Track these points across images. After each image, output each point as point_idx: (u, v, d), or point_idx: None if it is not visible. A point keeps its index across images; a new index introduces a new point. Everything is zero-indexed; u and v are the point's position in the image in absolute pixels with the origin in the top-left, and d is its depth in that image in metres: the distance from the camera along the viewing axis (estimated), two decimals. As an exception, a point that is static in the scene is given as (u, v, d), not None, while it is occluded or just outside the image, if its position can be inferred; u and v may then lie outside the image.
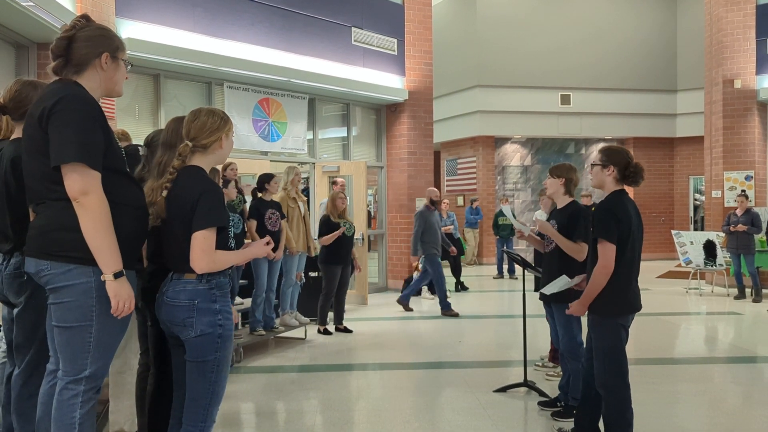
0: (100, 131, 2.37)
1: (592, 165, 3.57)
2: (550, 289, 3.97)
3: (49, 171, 2.32)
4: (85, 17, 2.50)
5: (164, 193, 2.60)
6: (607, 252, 3.31)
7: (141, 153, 3.25)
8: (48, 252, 2.33)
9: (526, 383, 4.85)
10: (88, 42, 2.43)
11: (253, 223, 6.23)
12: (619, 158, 3.49)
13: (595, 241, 3.38)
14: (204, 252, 2.50)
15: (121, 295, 2.33)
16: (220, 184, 5.41)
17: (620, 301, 3.41)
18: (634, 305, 3.47)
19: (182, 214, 2.54)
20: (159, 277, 2.68)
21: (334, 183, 8.79)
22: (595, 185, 3.60)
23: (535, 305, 5.30)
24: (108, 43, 2.48)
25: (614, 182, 3.49)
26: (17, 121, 2.84)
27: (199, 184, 2.59)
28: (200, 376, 2.58)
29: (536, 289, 5.02)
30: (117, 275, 2.32)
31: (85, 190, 2.28)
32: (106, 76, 2.48)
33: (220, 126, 2.69)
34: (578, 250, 4.12)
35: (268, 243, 2.77)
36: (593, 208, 3.54)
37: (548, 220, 4.34)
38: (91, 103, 2.38)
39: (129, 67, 2.60)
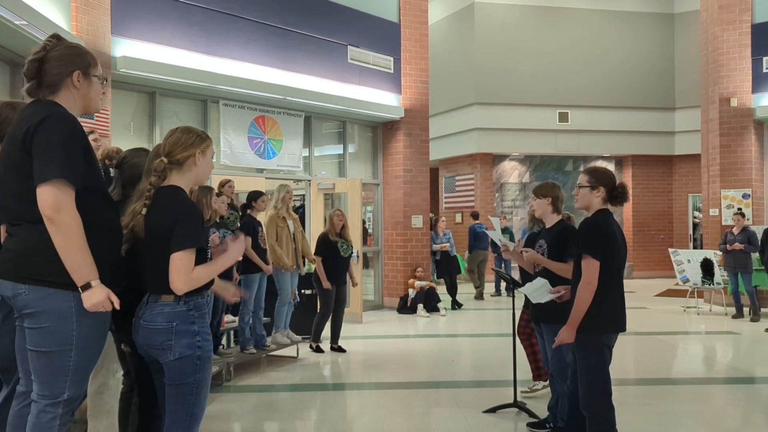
0: (82, 151, 2.36)
1: (579, 187, 3.54)
2: (534, 297, 3.94)
3: (27, 191, 2.30)
4: (56, 36, 2.49)
5: (144, 210, 2.57)
6: (591, 268, 3.29)
7: (111, 174, 3.23)
8: (27, 276, 2.30)
9: (516, 404, 4.78)
10: (59, 62, 2.41)
11: (249, 240, 6.18)
12: (606, 179, 3.50)
13: (579, 258, 3.36)
14: (181, 273, 2.48)
15: (94, 304, 2.29)
16: (213, 200, 5.39)
17: (605, 320, 3.37)
18: (619, 325, 3.43)
19: (160, 235, 2.52)
20: (129, 295, 2.65)
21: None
22: (581, 207, 3.57)
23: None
24: (79, 61, 2.46)
25: (601, 202, 3.49)
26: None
27: (177, 204, 2.57)
28: (179, 398, 2.55)
29: (525, 307, 4.98)
30: (84, 288, 2.29)
31: (57, 206, 2.25)
32: (80, 93, 2.46)
33: (194, 142, 2.65)
34: (569, 270, 4.07)
35: (239, 241, 2.72)
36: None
37: (537, 239, 4.30)
38: (74, 122, 2.38)
39: (104, 82, 2.58)
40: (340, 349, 7.16)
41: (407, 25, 10.80)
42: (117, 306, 2.36)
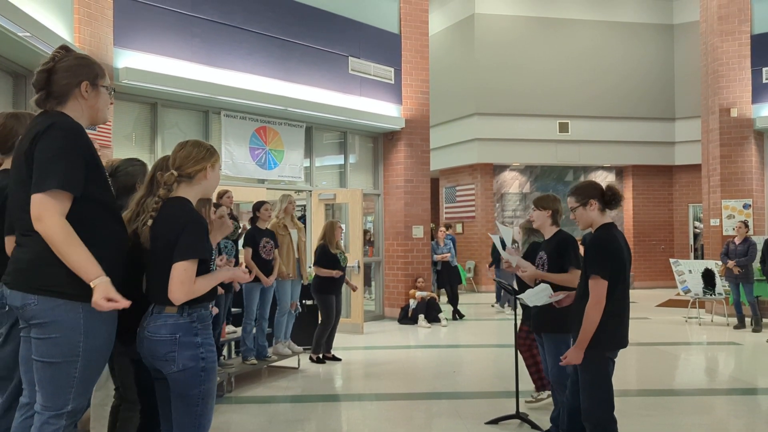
0: (83, 159, 2.36)
1: (572, 209, 3.50)
2: (532, 300, 3.91)
3: None
4: (64, 48, 2.50)
5: (149, 222, 2.59)
6: (600, 288, 3.25)
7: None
8: (36, 286, 2.31)
9: (518, 415, 4.77)
10: (67, 72, 2.43)
11: (249, 251, 6.21)
12: (592, 191, 3.47)
13: (586, 276, 3.32)
14: (182, 284, 2.49)
15: (99, 304, 2.26)
16: (211, 212, 5.41)
17: (611, 336, 3.33)
18: (623, 341, 3.40)
19: (166, 246, 2.53)
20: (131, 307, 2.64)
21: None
22: (584, 227, 3.51)
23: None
24: (87, 72, 2.47)
25: (600, 215, 3.46)
26: (5, 154, 2.86)
27: (184, 215, 2.59)
28: (185, 410, 2.56)
29: (524, 319, 4.97)
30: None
31: (38, 216, 2.26)
32: (87, 104, 2.47)
33: (205, 156, 2.70)
34: (571, 280, 4.07)
35: (248, 272, 2.84)
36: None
37: (538, 250, 4.30)
38: (77, 131, 2.38)
39: (112, 92, 2.60)
40: (335, 358, 7.16)
41: (408, 36, 10.86)
42: (120, 305, 2.30)
